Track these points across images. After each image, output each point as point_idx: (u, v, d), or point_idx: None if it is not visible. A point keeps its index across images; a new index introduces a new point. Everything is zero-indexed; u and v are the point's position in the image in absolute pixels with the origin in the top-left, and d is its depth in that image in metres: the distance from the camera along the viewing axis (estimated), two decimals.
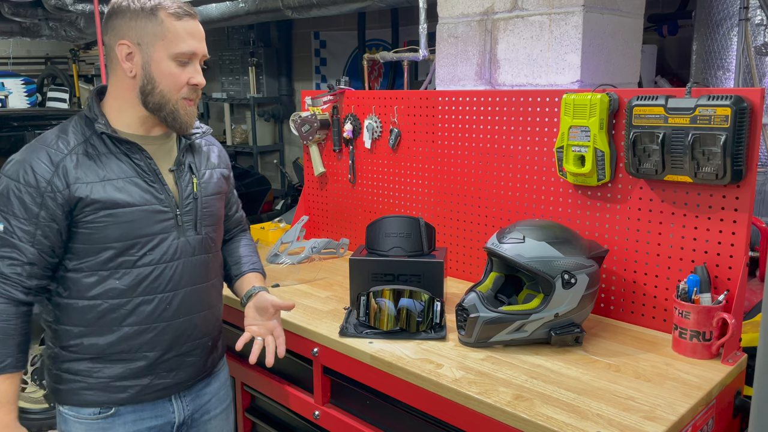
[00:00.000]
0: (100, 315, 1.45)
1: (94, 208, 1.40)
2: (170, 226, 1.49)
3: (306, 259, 2.40)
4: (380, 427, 1.69)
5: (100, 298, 1.45)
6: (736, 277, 1.59)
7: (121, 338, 1.47)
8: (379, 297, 1.74)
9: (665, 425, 1.27)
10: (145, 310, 1.47)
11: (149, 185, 1.47)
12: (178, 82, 1.45)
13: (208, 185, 1.59)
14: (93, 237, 1.42)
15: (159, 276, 1.48)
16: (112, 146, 1.45)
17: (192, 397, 1.62)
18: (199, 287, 1.56)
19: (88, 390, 1.48)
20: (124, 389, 1.49)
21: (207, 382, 1.66)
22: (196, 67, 1.48)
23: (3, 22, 6.58)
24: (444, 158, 2.20)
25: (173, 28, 1.43)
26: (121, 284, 1.45)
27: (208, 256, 1.59)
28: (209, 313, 1.61)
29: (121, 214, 1.42)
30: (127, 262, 1.45)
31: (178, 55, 1.43)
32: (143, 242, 1.45)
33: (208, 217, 1.57)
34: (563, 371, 1.50)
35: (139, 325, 1.47)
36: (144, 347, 1.49)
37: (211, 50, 1.68)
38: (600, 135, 1.73)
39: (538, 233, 1.62)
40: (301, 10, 4.62)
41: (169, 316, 1.50)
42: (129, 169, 1.45)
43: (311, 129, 2.53)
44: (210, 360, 1.65)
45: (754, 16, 2.72)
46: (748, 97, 1.52)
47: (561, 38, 1.89)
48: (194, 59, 1.47)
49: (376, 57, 3.29)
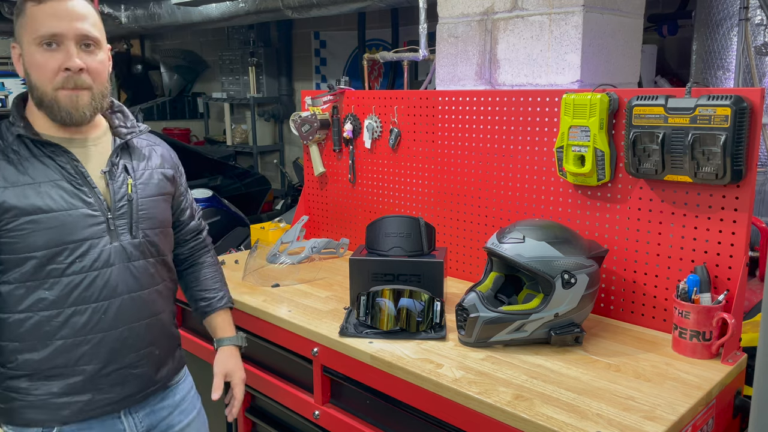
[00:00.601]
0: (31, 329, 1.37)
1: (14, 215, 1.32)
2: (101, 230, 1.40)
3: (306, 259, 2.40)
4: (380, 427, 1.69)
5: (30, 310, 1.36)
6: (736, 277, 1.59)
7: (55, 352, 1.38)
8: (379, 297, 1.74)
9: (665, 425, 1.27)
10: (78, 321, 1.38)
11: (76, 188, 1.38)
12: (47, 69, 1.34)
13: (147, 186, 1.50)
14: (17, 246, 1.34)
15: (91, 284, 1.39)
16: (36, 150, 1.38)
17: (146, 413, 1.53)
18: (140, 294, 1.47)
19: (29, 408, 1.39)
20: (65, 406, 1.40)
21: (163, 396, 1.57)
22: (68, 50, 1.35)
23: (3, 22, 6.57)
24: (444, 158, 2.20)
25: (33, 14, 1.34)
26: (50, 295, 1.36)
27: (148, 261, 1.49)
28: (155, 321, 1.51)
29: (44, 219, 1.34)
30: (55, 271, 1.36)
31: (38, 39, 1.33)
32: (71, 249, 1.37)
33: (146, 220, 1.48)
34: (563, 371, 1.50)
35: (73, 337, 1.38)
36: (81, 361, 1.40)
37: (211, 50, 1.67)
38: (600, 135, 1.74)
39: (538, 233, 1.62)
40: (301, 10, 4.62)
41: (106, 327, 1.41)
42: (54, 172, 1.37)
43: (311, 129, 2.53)
44: (165, 371, 1.55)
45: (754, 16, 2.72)
46: (748, 97, 1.52)
47: (561, 38, 1.89)
48: (63, 41, 1.35)
49: (376, 57, 3.29)
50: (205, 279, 1.73)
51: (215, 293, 1.72)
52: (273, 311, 1.90)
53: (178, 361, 1.63)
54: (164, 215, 1.56)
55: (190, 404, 1.65)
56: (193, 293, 1.72)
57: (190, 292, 1.74)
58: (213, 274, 1.75)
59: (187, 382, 1.67)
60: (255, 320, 1.97)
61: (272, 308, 1.92)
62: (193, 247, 1.73)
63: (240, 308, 2.01)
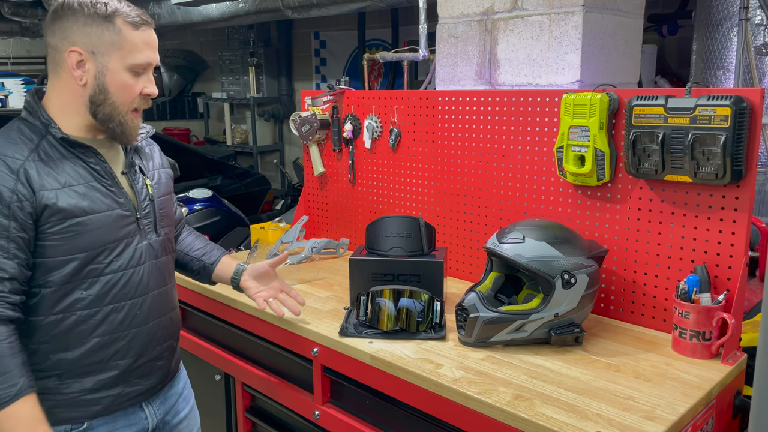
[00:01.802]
0: (67, 329, 1.39)
1: (60, 218, 1.34)
2: (133, 230, 1.45)
3: (306, 259, 2.40)
4: (380, 427, 1.69)
5: (66, 311, 1.38)
6: (735, 277, 1.59)
7: (91, 350, 1.41)
8: (379, 297, 1.74)
9: (665, 425, 1.27)
10: (115, 319, 1.43)
11: (108, 189, 1.42)
12: (132, 94, 1.40)
13: (159, 186, 1.56)
14: (61, 249, 1.35)
15: (128, 282, 1.44)
16: (65, 151, 1.38)
17: (161, 401, 1.59)
18: (164, 289, 1.54)
19: (58, 407, 1.40)
20: (96, 402, 1.44)
21: (171, 384, 1.64)
22: (149, 77, 1.43)
23: (3, 22, 6.58)
24: (444, 158, 2.20)
25: (131, 38, 1.36)
26: (89, 294, 1.39)
27: (168, 258, 1.57)
28: (174, 314, 1.61)
29: (88, 221, 1.36)
30: (94, 271, 1.39)
31: (135, 66, 1.38)
32: (110, 248, 1.41)
33: (164, 218, 1.55)
34: (563, 371, 1.50)
35: (110, 334, 1.43)
36: (116, 356, 1.44)
37: (211, 50, 1.68)
38: (600, 135, 1.73)
39: (538, 233, 1.62)
40: (301, 10, 4.62)
41: (140, 322, 1.47)
42: (86, 174, 1.39)
43: (311, 129, 2.53)
44: (175, 361, 1.63)
45: (754, 16, 2.72)
46: (748, 97, 1.52)
47: (561, 38, 1.89)
48: (149, 69, 1.42)
49: (376, 57, 3.29)
50: (193, 242, 1.81)
51: (209, 248, 1.81)
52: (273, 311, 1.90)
53: (179, 351, 1.70)
54: (173, 213, 1.64)
55: (188, 392, 1.73)
56: (190, 258, 1.78)
57: (186, 260, 1.79)
58: (196, 237, 1.83)
59: (184, 371, 1.75)
60: (255, 320, 1.97)
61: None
62: (179, 230, 1.81)
63: (240, 308, 2.01)
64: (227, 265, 1.78)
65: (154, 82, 1.45)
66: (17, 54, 8.57)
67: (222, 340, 2.19)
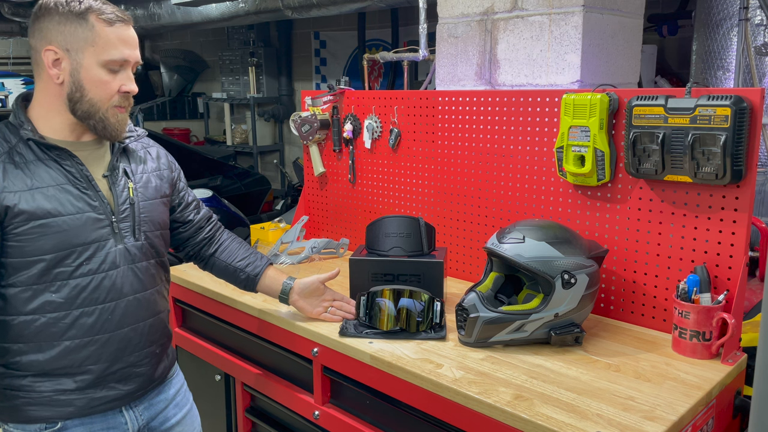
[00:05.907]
0: (38, 330, 1.38)
1: (23, 219, 1.33)
2: (106, 233, 1.43)
3: (306, 259, 2.40)
4: (380, 427, 1.69)
5: (36, 312, 1.38)
6: (735, 277, 1.59)
7: (62, 353, 1.40)
8: (379, 297, 1.75)
9: (665, 425, 1.27)
10: (86, 323, 1.41)
11: (82, 192, 1.40)
12: (109, 90, 1.39)
13: (146, 189, 1.53)
14: (25, 250, 1.35)
15: (98, 286, 1.42)
16: (41, 153, 1.38)
17: (145, 407, 1.57)
18: (144, 294, 1.51)
19: (32, 405, 1.41)
20: (69, 403, 1.43)
21: (159, 390, 1.61)
22: (128, 74, 1.42)
23: (3, 22, 6.59)
24: (444, 158, 2.20)
25: (104, 34, 1.36)
26: (58, 297, 1.38)
27: (150, 263, 1.53)
28: (156, 320, 1.56)
29: (53, 223, 1.36)
30: (62, 274, 1.38)
31: (109, 62, 1.37)
32: (79, 252, 1.39)
33: (147, 223, 1.51)
34: (563, 371, 1.50)
35: (80, 338, 1.41)
36: (88, 360, 1.43)
37: (211, 50, 1.68)
38: (600, 135, 1.74)
39: (538, 233, 1.62)
40: (301, 10, 4.62)
41: (112, 327, 1.45)
42: (59, 176, 1.38)
43: (311, 129, 2.53)
44: (160, 368, 1.60)
45: (754, 16, 2.72)
46: (747, 97, 1.52)
47: (561, 38, 1.89)
48: (126, 66, 1.42)
49: (376, 57, 3.29)
50: (238, 250, 1.80)
51: (254, 257, 1.80)
52: (273, 311, 1.90)
53: (171, 358, 1.68)
54: (162, 218, 1.59)
55: (183, 398, 1.70)
56: (234, 267, 1.77)
57: (229, 269, 1.78)
58: (240, 243, 1.82)
59: (179, 378, 1.72)
60: (255, 320, 1.97)
61: (272, 308, 1.92)
62: (212, 229, 1.80)
63: (240, 308, 2.01)
64: (273, 280, 1.78)
65: (133, 80, 1.43)
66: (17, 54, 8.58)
67: (222, 340, 2.19)
